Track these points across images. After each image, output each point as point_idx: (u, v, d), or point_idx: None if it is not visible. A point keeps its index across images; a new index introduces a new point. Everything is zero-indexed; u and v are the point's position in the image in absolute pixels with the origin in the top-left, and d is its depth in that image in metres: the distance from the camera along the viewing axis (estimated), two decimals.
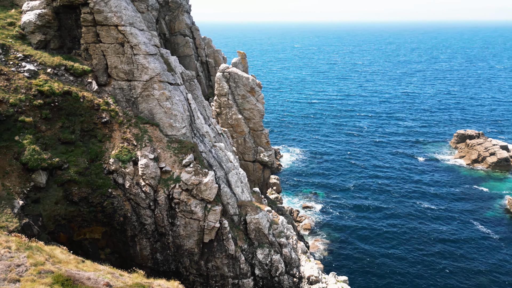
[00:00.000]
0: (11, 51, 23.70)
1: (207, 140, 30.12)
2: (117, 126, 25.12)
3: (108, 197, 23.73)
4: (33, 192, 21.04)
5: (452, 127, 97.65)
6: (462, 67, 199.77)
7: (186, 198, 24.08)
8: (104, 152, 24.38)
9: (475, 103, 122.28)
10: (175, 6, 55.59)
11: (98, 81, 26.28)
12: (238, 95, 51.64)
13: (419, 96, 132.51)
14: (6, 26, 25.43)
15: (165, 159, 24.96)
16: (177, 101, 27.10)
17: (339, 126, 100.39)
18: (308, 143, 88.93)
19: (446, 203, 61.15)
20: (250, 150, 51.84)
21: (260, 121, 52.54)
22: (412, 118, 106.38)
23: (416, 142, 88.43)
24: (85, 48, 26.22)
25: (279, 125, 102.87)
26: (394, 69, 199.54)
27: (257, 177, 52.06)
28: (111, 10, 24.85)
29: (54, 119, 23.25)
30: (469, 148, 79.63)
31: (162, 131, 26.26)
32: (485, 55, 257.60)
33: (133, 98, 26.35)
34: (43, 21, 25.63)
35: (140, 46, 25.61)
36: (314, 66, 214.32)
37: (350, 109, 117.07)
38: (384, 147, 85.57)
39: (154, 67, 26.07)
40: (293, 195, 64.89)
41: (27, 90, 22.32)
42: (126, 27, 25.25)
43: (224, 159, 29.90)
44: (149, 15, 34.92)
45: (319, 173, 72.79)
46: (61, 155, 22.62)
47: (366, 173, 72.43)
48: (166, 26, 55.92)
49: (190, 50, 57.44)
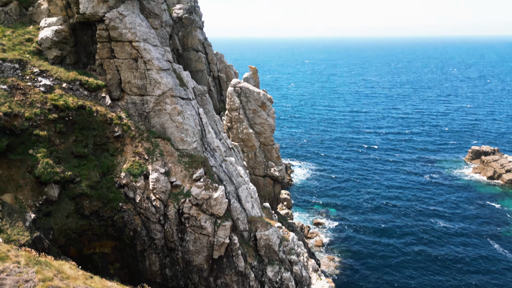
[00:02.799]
0: (28, 66, 24.24)
1: (218, 154, 30.08)
2: (129, 140, 25.30)
3: (119, 211, 23.72)
4: (45, 205, 21.16)
5: (467, 143, 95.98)
6: (474, 83, 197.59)
7: (196, 213, 23.92)
8: (115, 166, 24.50)
9: (488, 119, 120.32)
10: (188, 23, 56.57)
11: (112, 96, 26.63)
12: (249, 109, 51.79)
13: (431, 112, 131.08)
14: (24, 42, 26.11)
15: (175, 173, 24.95)
16: (189, 115, 27.23)
17: (350, 142, 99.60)
18: (319, 158, 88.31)
19: (462, 221, 59.57)
20: (260, 164, 51.63)
21: (271, 135, 52.45)
22: (425, 134, 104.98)
23: (431, 158, 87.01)
24: (99, 63, 26.70)
25: (290, 140, 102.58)
26: (405, 84, 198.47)
27: (268, 192, 51.67)
28: (126, 26, 25.34)
29: (68, 133, 23.54)
30: (485, 165, 77.98)
31: (174, 145, 26.34)
32: (498, 71, 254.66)
33: (145, 112, 26.58)
34: (59, 37, 26.25)
35: (153, 61, 25.96)
36: (325, 82, 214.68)
37: (362, 125, 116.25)
38: (397, 163, 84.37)
39: (167, 82, 26.35)
40: (304, 211, 64.11)
41: (43, 104, 22.71)
42: (140, 43, 25.68)
43: (235, 174, 29.76)
44: (162, 31, 35.51)
45: (331, 189, 71.92)
46: (73, 168, 22.80)
47: (379, 190, 71.30)
48: (179, 42, 56.83)
49: (202, 65, 58.12)
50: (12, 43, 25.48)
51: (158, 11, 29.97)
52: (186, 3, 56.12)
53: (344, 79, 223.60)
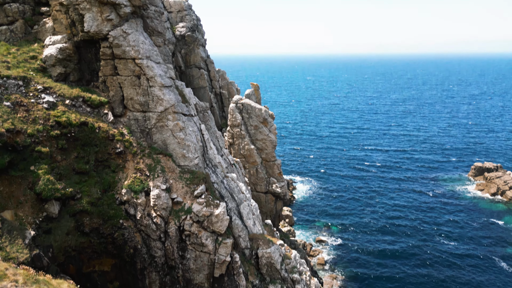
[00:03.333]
0: (32, 83, 24.46)
1: (219, 170, 29.97)
2: (130, 156, 25.27)
3: (119, 228, 23.48)
4: (45, 222, 20.98)
5: (469, 160, 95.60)
6: (475, 100, 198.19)
7: (197, 230, 23.65)
8: (117, 182, 24.40)
9: (490, 135, 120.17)
10: (191, 40, 57.35)
11: (114, 112, 26.75)
12: (251, 125, 51.90)
13: (433, 129, 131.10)
14: (28, 59, 26.42)
15: (177, 190, 24.81)
16: (191, 131, 27.27)
17: (352, 158, 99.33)
18: (321, 175, 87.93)
19: (467, 241, 58.73)
20: (262, 181, 51.40)
21: (272, 151, 52.40)
22: (427, 151, 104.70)
23: (433, 175, 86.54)
24: (103, 80, 26.93)
25: (292, 156, 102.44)
26: (406, 101, 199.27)
27: (269, 209, 51.26)
28: (129, 44, 25.67)
29: (69, 149, 23.55)
30: (488, 182, 77.45)
31: (175, 162, 26.28)
32: (499, 88, 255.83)
33: (147, 128, 26.65)
34: (64, 55, 26.57)
35: (156, 78, 26.18)
36: (326, 98, 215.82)
37: (363, 142, 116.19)
38: (399, 181, 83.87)
39: (169, 99, 26.49)
40: (306, 228, 63.44)
41: (45, 121, 22.80)
42: (143, 60, 25.95)
43: (236, 190, 29.58)
44: (165, 49, 35.95)
45: (333, 206, 71.34)
46: (74, 185, 22.71)
47: (381, 207, 70.69)
48: (182, 59, 57.48)
49: (204, 82, 58.61)
50: (17, 61, 25.79)
51: (161, 29, 30.41)
52: (189, 22, 57.04)
53: (345, 96, 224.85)
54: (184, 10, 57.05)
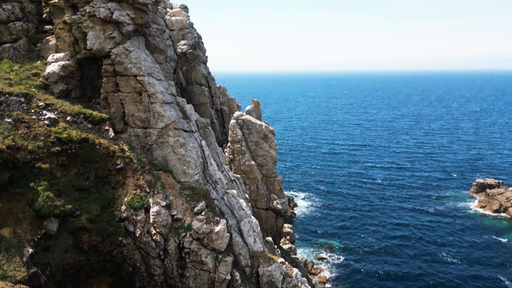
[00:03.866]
0: (34, 100, 24.60)
1: (220, 187, 29.81)
2: (130, 172, 25.18)
3: (118, 245, 23.19)
4: (44, 240, 20.73)
5: (471, 176, 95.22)
6: (475, 116, 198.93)
7: (197, 247, 23.35)
8: (116, 199, 24.23)
9: (491, 151, 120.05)
10: (192, 58, 58.00)
11: (115, 129, 26.81)
12: (252, 141, 51.95)
13: (433, 145, 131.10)
14: (31, 76, 26.65)
15: (176, 207, 24.61)
16: (191, 147, 27.26)
17: (353, 175, 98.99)
18: (322, 191, 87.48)
19: (470, 259, 57.89)
20: (263, 197, 51.10)
21: (273, 167, 52.26)
22: (428, 167, 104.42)
23: (435, 192, 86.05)
24: (104, 97, 27.09)
25: (293, 172, 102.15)
26: (405, 117, 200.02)
27: (270, 225, 50.80)
28: (131, 61, 25.93)
29: (70, 166, 23.49)
30: (490, 198, 76.94)
31: (175, 178, 26.17)
32: (499, 104, 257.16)
33: (148, 145, 26.65)
34: (66, 72, 26.81)
35: (157, 95, 26.34)
36: (326, 114, 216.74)
37: (364, 158, 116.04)
38: (400, 197, 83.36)
39: (170, 115, 26.58)
40: (307, 246, 62.69)
41: (46, 137, 22.82)
42: (145, 77, 26.17)
43: (237, 207, 29.35)
44: (167, 66, 36.32)
45: (334, 223, 70.69)
46: (74, 201, 22.55)
47: (383, 225, 70.03)
48: (183, 76, 58.00)
49: (205, 98, 58.98)
50: (19, 78, 26.01)
51: (163, 47, 30.77)
52: (190, 39, 57.81)
53: (344, 112, 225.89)
54: (186, 28, 57.91)
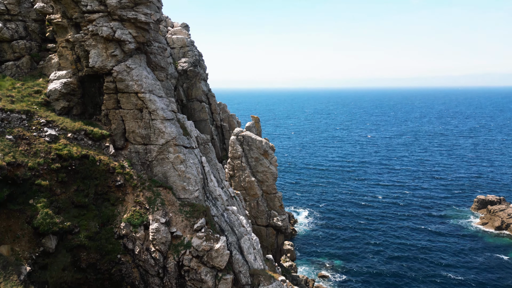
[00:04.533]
0: (35, 117, 24.75)
1: (220, 203, 29.66)
2: (130, 189, 25.11)
3: (117, 263, 22.91)
4: (42, 257, 20.50)
5: (472, 192, 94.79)
6: (475, 133, 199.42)
7: (197, 265, 23.06)
8: (116, 215, 24.09)
9: (492, 168, 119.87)
10: (192, 75, 58.61)
11: (116, 145, 26.88)
12: (252, 157, 51.96)
13: (433, 162, 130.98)
14: (32, 93, 26.90)
15: (176, 223, 24.43)
16: (191, 164, 27.25)
17: (354, 192, 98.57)
18: (322, 208, 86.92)
19: (473, 274, 57.10)
20: (263, 214, 50.76)
21: (273, 183, 52.13)
22: (428, 184, 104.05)
23: (436, 208, 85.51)
24: (105, 113, 27.26)
25: (293, 189, 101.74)
26: (405, 134, 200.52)
27: (271, 243, 50.30)
28: (133, 79, 26.21)
29: (69, 183, 23.44)
30: (492, 215, 76.40)
31: (175, 194, 26.07)
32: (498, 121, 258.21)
33: (148, 161, 26.66)
34: (68, 89, 27.07)
35: (158, 111, 26.51)
36: (325, 131, 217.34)
37: (364, 174, 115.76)
38: (401, 214, 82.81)
39: (170, 131, 26.70)
40: (308, 263, 61.89)
41: (46, 154, 22.86)
42: (146, 94, 26.40)
43: (237, 224, 29.12)
44: (168, 83, 36.67)
45: (335, 241, 69.98)
46: (73, 219, 22.40)
47: (386, 243, 69.32)
48: (183, 93, 58.47)
49: (205, 115, 59.30)
50: (21, 95, 26.24)
51: (164, 65, 31.15)
52: (191, 57, 58.52)
53: (343, 128, 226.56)
54: (187, 46, 58.73)
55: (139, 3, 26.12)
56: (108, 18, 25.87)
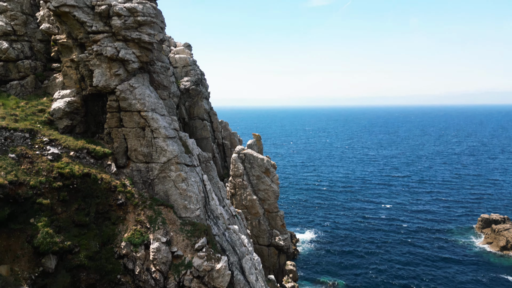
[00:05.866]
0: (38, 136, 24.88)
1: (221, 222, 29.41)
2: (131, 208, 24.98)
3: (117, 284, 22.56)
4: (41, 278, 20.20)
5: (475, 212, 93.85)
6: (477, 151, 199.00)
7: (198, 286, 22.69)
8: (116, 235, 23.87)
9: (495, 187, 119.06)
10: (195, 93, 59.15)
11: (117, 163, 26.90)
12: (253, 175, 51.81)
13: (435, 180, 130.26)
14: (36, 112, 27.13)
15: (177, 243, 24.18)
16: (193, 182, 27.19)
17: (356, 210, 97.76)
18: (325, 227, 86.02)
19: None
20: (264, 233, 50.23)
21: (275, 202, 51.79)
22: (431, 203, 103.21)
23: (439, 228, 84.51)
24: (108, 132, 27.40)
25: (295, 207, 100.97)
26: (406, 152, 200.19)
27: (272, 263, 49.58)
28: (135, 97, 26.47)
29: (71, 201, 23.34)
30: (496, 234, 75.40)
31: (176, 213, 25.91)
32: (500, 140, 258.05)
33: (149, 179, 26.61)
34: (71, 108, 27.31)
35: (160, 130, 26.65)
36: (326, 149, 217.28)
37: (366, 193, 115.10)
38: (405, 235, 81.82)
39: (172, 150, 26.76)
40: (311, 284, 60.79)
41: (48, 172, 22.86)
42: (148, 113, 26.60)
43: (238, 243, 28.80)
44: (170, 102, 36.98)
45: (338, 261, 68.94)
46: (73, 238, 22.20)
47: (388, 263, 68.25)
48: (185, 111, 58.86)
49: (207, 133, 59.52)
50: (25, 114, 26.45)
51: (166, 83, 31.49)
52: (193, 76, 59.19)
53: (344, 147, 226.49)
54: (189, 66, 59.48)
55: (143, 24, 26.63)
56: (113, 39, 26.35)
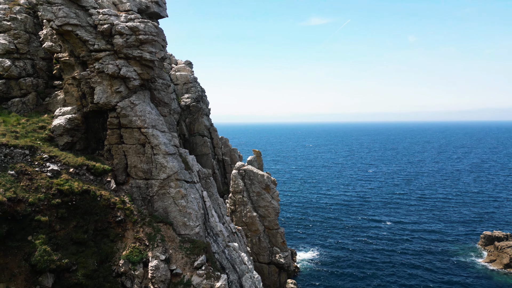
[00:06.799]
0: (38, 152, 24.91)
1: (221, 239, 29.12)
2: (130, 225, 24.78)
3: None
4: None
5: (477, 228, 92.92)
6: (477, 168, 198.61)
7: None
8: (115, 252, 23.61)
9: (496, 204, 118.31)
10: (195, 110, 59.48)
11: (117, 180, 26.83)
12: (253, 192, 51.57)
13: (437, 198, 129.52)
14: (37, 129, 27.24)
15: (176, 261, 23.89)
16: (192, 199, 27.06)
17: (357, 229, 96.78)
18: (326, 245, 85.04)
19: None
20: (265, 250, 49.66)
21: (275, 219, 51.38)
22: (433, 221, 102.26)
23: (441, 246, 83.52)
24: (108, 148, 27.45)
25: (295, 224, 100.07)
26: (407, 169, 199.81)
27: (273, 281, 48.85)
28: (136, 114, 26.62)
29: (69, 218, 23.18)
30: (499, 252, 74.44)
31: (175, 230, 25.69)
32: (500, 156, 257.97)
33: (149, 196, 26.49)
34: (72, 125, 27.43)
35: (160, 146, 26.69)
36: (326, 165, 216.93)
37: (368, 211, 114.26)
38: (407, 253, 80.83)
39: (172, 166, 26.73)
40: None
41: (48, 189, 22.79)
42: (149, 129, 26.70)
43: (238, 261, 28.45)
44: (171, 118, 37.16)
45: (340, 278, 67.84)
46: (71, 256, 21.94)
47: (391, 282, 67.20)
48: (186, 128, 59.07)
49: (207, 149, 59.57)
50: (26, 131, 26.56)
51: (167, 100, 31.73)
52: (194, 93, 59.65)
53: (344, 163, 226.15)
54: (190, 83, 60.02)
55: (145, 42, 27.02)
56: (114, 56, 26.69)
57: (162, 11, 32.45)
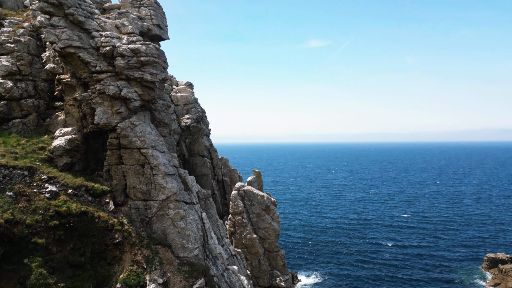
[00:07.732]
0: (37, 173, 24.76)
1: (220, 262, 28.60)
2: (128, 247, 24.36)
3: None
4: None
5: (481, 251, 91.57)
6: (478, 189, 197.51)
7: None
8: (112, 276, 23.10)
9: (498, 226, 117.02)
10: (195, 131, 59.63)
11: (116, 201, 26.57)
12: (253, 213, 51.04)
13: (438, 220, 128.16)
14: (36, 150, 27.19)
15: (174, 284, 23.36)
16: (191, 220, 26.73)
17: (359, 253, 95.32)
18: (327, 268, 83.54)
19: None
20: (265, 273, 48.71)
21: (275, 241, 50.65)
22: (435, 243, 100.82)
23: (445, 269, 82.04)
24: (107, 169, 27.32)
25: (296, 247, 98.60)
26: (407, 190, 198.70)
27: None
28: (136, 135, 26.64)
29: (66, 240, 22.80)
30: (503, 275, 73.07)
31: (174, 253, 25.25)
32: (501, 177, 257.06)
33: (147, 217, 26.18)
34: (72, 145, 27.40)
35: (160, 167, 26.58)
36: (326, 186, 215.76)
37: (368, 233, 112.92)
38: (410, 278, 79.34)
39: (171, 187, 26.54)
40: None
41: (45, 211, 22.52)
42: (148, 150, 26.66)
43: (237, 285, 27.84)
44: (171, 139, 37.19)
45: None
46: (67, 279, 21.45)
47: None
48: (186, 148, 59.06)
49: (207, 169, 59.37)
50: (25, 152, 26.50)
51: (167, 121, 31.83)
52: (194, 114, 59.97)
53: (344, 185, 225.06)
54: (190, 103, 60.43)
55: (146, 64, 27.35)
56: (116, 78, 26.95)
57: (164, 33, 33.02)
